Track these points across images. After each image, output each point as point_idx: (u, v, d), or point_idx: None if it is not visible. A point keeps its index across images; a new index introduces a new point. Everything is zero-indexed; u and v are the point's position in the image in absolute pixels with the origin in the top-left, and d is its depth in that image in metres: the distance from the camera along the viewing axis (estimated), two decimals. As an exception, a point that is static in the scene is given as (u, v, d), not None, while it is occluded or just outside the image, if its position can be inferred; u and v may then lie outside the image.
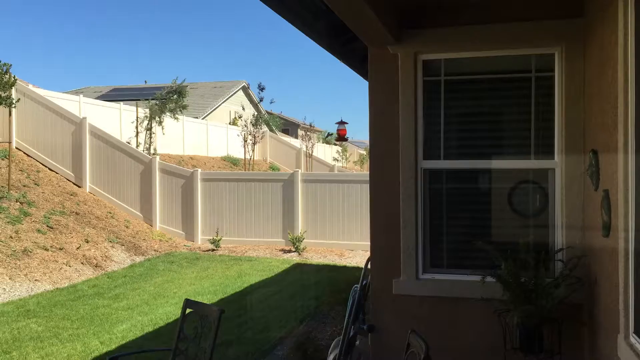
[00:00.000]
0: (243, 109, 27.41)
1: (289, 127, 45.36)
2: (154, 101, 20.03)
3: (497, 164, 4.52)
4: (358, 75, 7.18)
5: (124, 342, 7.07)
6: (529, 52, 4.45)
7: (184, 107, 21.14)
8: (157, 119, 19.42)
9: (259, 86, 26.26)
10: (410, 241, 4.62)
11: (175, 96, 20.54)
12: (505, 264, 4.05)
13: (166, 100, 20.22)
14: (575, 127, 4.29)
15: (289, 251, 14.07)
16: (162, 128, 19.84)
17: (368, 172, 4.91)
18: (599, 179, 3.79)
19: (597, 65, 3.86)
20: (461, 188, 4.66)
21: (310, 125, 31.69)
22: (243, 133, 23.36)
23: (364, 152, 45.96)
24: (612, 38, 3.40)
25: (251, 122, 24.04)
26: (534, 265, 4.03)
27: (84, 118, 15.93)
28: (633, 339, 3.07)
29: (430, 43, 4.60)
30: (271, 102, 29.62)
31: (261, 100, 27.42)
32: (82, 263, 11.55)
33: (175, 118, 20.63)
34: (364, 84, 5.36)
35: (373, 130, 4.79)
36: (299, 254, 13.71)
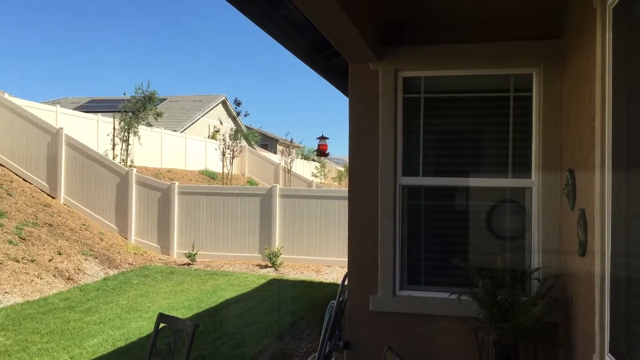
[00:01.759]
0: (221, 123, 27.33)
1: (267, 142, 45.29)
2: (128, 112, 19.78)
3: (475, 181, 4.53)
4: (339, 92, 7.20)
5: (94, 357, 6.90)
6: (508, 72, 4.49)
7: (159, 114, 20.90)
8: (133, 129, 19.21)
9: (236, 101, 26.23)
10: (388, 257, 4.60)
11: (146, 104, 20.16)
12: (482, 282, 4.04)
13: (137, 109, 19.91)
14: (552, 146, 4.33)
15: (266, 266, 13.96)
16: (139, 139, 19.64)
17: (346, 188, 4.89)
18: (575, 198, 3.82)
19: (575, 86, 3.91)
20: (439, 205, 4.66)
21: (290, 142, 31.78)
22: (221, 147, 23.31)
23: (343, 169, 46.11)
24: (589, 59, 3.44)
25: (230, 136, 24.01)
26: (510, 283, 4.03)
27: (61, 128, 15.71)
28: (608, 358, 3.06)
29: (411, 60, 4.62)
30: (245, 115, 29.41)
31: (238, 114, 27.41)
32: (54, 275, 11.30)
33: (149, 126, 20.41)
34: (344, 102, 5.36)
35: (353, 145, 4.77)
36: (276, 270, 13.62)
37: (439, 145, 4.68)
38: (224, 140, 23.38)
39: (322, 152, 22.03)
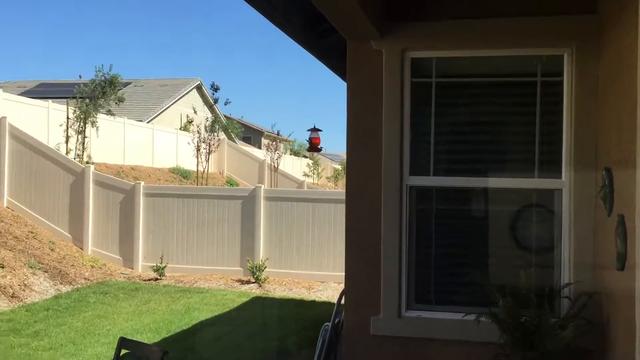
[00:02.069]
0: (195, 112, 27.24)
1: (250, 135, 45.28)
2: (85, 98, 19.63)
3: (495, 182, 4.54)
4: (336, 76, 7.21)
5: (43, 389, 6.88)
6: (535, 52, 4.51)
7: (120, 100, 20.73)
8: (90, 119, 19.14)
9: (213, 86, 26.24)
10: (393, 272, 4.61)
11: (107, 89, 19.91)
12: (503, 301, 4.05)
13: (96, 94, 19.70)
14: (586, 141, 4.34)
15: (248, 282, 13.95)
16: (97, 130, 19.57)
17: (344, 190, 4.91)
18: (613, 202, 3.83)
19: (613, 68, 3.93)
20: (453, 210, 4.67)
21: (277, 134, 31.80)
22: (196, 140, 23.26)
23: (340, 167, 46.11)
24: (629, 38, 3.46)
25: (206, 127, 23.97)
26: (536, 302, 4.04)
27: (4, 117, 15.64)
28: (651, 391, 3.08)
29: (421, 38, 4.63)
30: (225, 104, 29.35)
31: (216, 102, 27.38)
32: (-5, 293, 11.25)
33: (110, 115, 20.26)
34: (342, 87, 5.36)
35: (351, 139, 4.78)
36: (260, 286, 13.61)
37: (453, 139, 4.69)
38: (198, 132, 23.33)
39: (314, 147, 22.02)
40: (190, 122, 24.19)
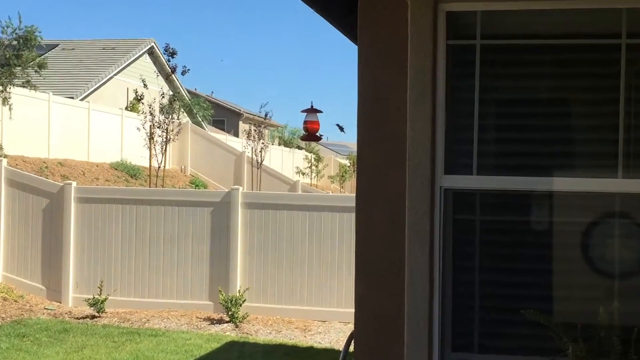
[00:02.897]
0: (145, 85, 26.87)
1: (224, 118, 45.37)
2: None
3: (562, 184, 4.54)
4: (344, 37, 7.20)
5: None
6: (618, 4, 4.51)
7: (41, 67, 20.56)
8: (0, 95, 19.08)
9: (167, 49, 26.02)
10: (422, 307, 4.61)
11: (22, 51, 19.73)
12: (574, 347, 4.07)
13: (7, 59, 19.50)
14: (689, 128, 4.35)
15: (220, 321, 13.94)
16: (10, 109, 19.51)
17: (352, 194, 4.92)
18: None
19: None
20: (504, 221, 4.67)
21: (265, 117, 31.64)
22: (148, 125, 22.94)
23: (348, 162, 46.16)
24: None
25: (162, 106, 23.77)
26: (620, 349, 4.05)
27: None
28: None
29: (460, -15, 4.64)
30: (183, 73, 28.49)
31: (173, 71, 27.13)
32: None
33: (29, 88, 20.06)
34: (352, 52, 5.36)
35: (364, 125, 4.79)
36: (237, 326, 13.60)
37: (505, 125, 4.70)
38: (151, 113, 22.89)
39: (312, 135, 21.86)
40: (139, 99, 23.93)
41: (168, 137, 23.33)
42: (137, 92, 27.89)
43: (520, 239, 4.67)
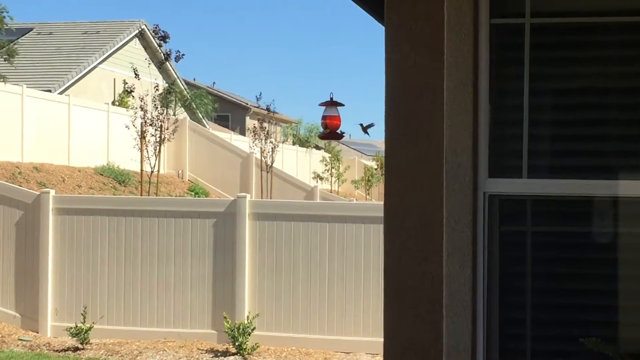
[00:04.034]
0: (137, 75, 26.84)
1: (228, 113, 45.49)
2: None
3: (631, 187, 4.52)
4: (370, 16, 7.21)
5: None
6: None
7: (11, 54, 20.64)
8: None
9: (156, 31, 25.96)
10: (462, 335, 4.60)
11: None
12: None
13: None
14: None
15: (226, 353, 13.95)
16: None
17: (380, 202, 4.93)
18: None
19: None
20: (561, 234, 4.66)
21: (271, 111, 31.69)
22: (139, 122, 22.74)
23: (375, 165, 46.17)
24: None
25: (156, 99, 23.65)
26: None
27: None
28: None
29: (506, -47, 4.64)
30: (177, 59, 28.33)
31: (167, 58, 27.06)
32: None
33: (0, 80, 20.21)
34: (379, 35, 5.37)
35: (392, 120, 4.79)
36: (245, 359, 13.60)
37: (562, 120, 4.69)
38: (143, 108, 22.77)
39: (331, 133, 21.85)
40: (129, 91, 23.85)
41: (162, 135, 23.15)
42: (125, 83, 27.95)
43: (580, 255, 4.65)
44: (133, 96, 23.64)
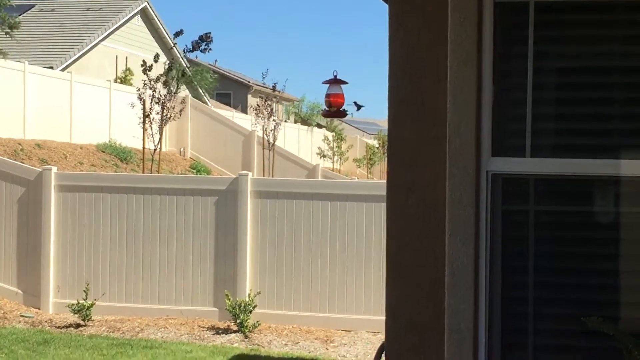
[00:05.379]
0: (157, 58, 26.61)
1: (230, 91, 45.42)
2: None
3: (635, 167, 4.51)
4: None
5: None
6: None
7: (12, 27, 20.49)
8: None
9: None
10: (464, 314, 4.61)
11: None
12: (647, 360, 4.07)
13: None
14: None
15: (227, 330, 13.96)
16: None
17: (383, 180, 4.92)
18: None
19: None
20: (564, 213, 4.66)
21: (274, 89, 31.68)
22: (149, 99, 22.35)
23: (377, 143, 46.12)
24: None
25: (159, 77, 23.51)
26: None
27: None
28: None
29: None
30: (177, 34, 28.29)
31: (177, 35, 27.08)
32: None
33: (1, 56, 20.17)
34: (382, 13, 5.34)
35: (396, 98, 4.78)
36: (246, 337, 13.61)
37: (566, 98, 4.68)
38: (150, 85, 22.70)
39: (335, 110, 21.82)
40: (148, 69, 23.06)
41: (168, 114, 22.99)
42: (128, 60, 27.90)
43: (582, 234, 4.66)
44: (131, 73, 23.35)
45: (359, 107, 21.67)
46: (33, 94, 22.58)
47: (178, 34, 26.35)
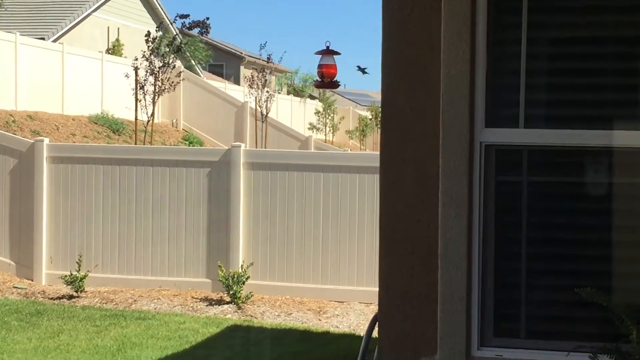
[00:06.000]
0: (160, 28, 26.26)
1: (223, 62, 45.26)
2: None
3: (627, 138, 4.51)
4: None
5: None
6: None
7: None
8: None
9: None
10: (458, 284, 4.62)
11: None
12: (639, 330, 4.07)
13: None
14: None
15: (220, 302, 13.98)
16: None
17: (375, 151, 4.91)
18: None
19: None
20: (557, 184, 4.67)
21: (267, 60, 31.55)
22: (145, 70, 22.06)
23: (370, 115, 46.11)
24: None
25: (152, 48, 23.42)
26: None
27: None
28: None
29: None
30: (182, 17, 28.16)
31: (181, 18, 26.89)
32: None
33: None
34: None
35: (389, 68, 4.77)
36: (239, 308, 13.63)
37: (560, 68, 4.68)
38: (147, 57, 22.49)
39: (328, 82, 21.75)
40: (153, 40, 22.75)
41: (163, 86, 22.86)
42: (120, 31, 27.77)
43: (575, 205, 4.66)
44: (121, 44, 23.26)
45: (363, 71, 21.55)
46: (24, 65, 22.50)
47: (184, 16, 25.98)
